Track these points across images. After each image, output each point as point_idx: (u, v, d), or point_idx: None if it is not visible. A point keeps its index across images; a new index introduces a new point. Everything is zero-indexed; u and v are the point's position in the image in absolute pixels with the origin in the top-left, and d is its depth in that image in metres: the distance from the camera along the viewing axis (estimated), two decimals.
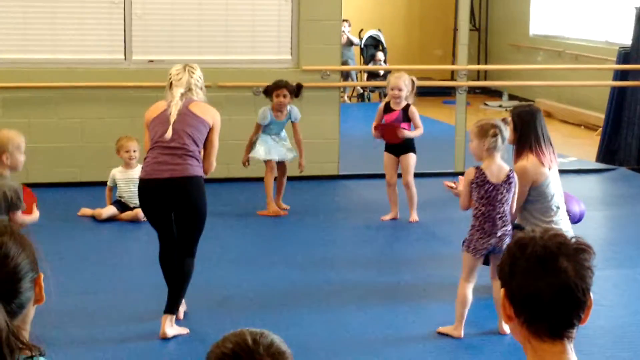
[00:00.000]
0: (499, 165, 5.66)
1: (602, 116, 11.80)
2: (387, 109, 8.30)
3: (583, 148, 12.26)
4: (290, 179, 8.69)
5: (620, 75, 11.31)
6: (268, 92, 8.57)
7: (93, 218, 8.27)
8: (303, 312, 6.07)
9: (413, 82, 8.19)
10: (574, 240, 2.20)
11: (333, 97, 10.13)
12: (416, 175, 8.31)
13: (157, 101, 9.49)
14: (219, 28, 9.77)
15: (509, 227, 5.67)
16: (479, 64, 17.37)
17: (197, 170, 5.64)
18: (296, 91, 8.55)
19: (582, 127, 14.13)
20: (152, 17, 9.62)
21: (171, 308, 5.67)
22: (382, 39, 17.06)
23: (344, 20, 13.55)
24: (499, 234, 5.62)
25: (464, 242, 5.70)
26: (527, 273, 2.16)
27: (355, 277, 6.80)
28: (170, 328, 5.64)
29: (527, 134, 6.19)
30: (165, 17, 9.67)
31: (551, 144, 6.32)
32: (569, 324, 2.17)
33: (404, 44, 18.22)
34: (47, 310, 2.32)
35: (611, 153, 11.21)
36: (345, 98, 16.15)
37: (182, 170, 5.58)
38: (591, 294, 2.18)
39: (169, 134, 5.60)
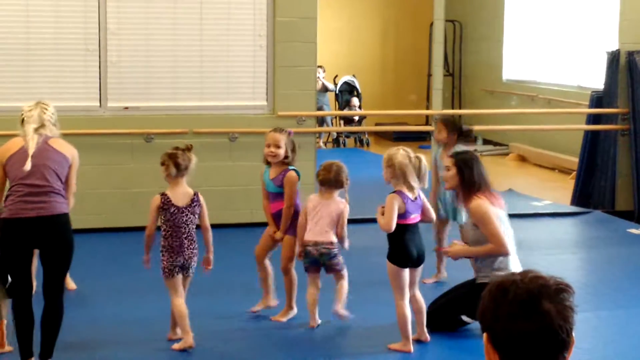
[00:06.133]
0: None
1: (576, 160, 11.88)
2: None
3: (558, 192, 12.32)
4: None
5: (593, 119, 11.40)
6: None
7: None
8: None
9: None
10: (553, 281, 2.20)
11: (309, 143, 10.14)
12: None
13: (132, 149, 9.61)
14: (193, 74, 9.79)
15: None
16: (453, 108, 17.48)
17: (64, 207, 5.58)
18: (460, 130, 7.69)
19: (557, 170, 14.21)
20: (127, 64, 9.63)
21: (49, 352, 5.60)
22: (357, 85, 17.15)
23: (318, 67, 13.61)
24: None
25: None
26: (511, 317, 2.16)
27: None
28: None
29: (473, 178, 6.31)
30: (141, 64, 9.67)
31: (494, 190, 6.48)
32: None
33: (379, 89, 18.34)
34: None
35: (585, 196, 11.27)
36: (321, 144, 16.20)
37: (49, 208, 5.49)
38: (573, 333, 2.19)
39: (27, 165, 5.48)
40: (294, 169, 6.75)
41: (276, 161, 6.74)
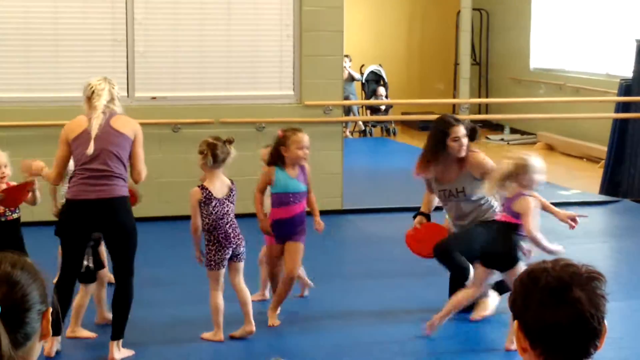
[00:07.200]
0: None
1: (604, 148, 11.81)
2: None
3: (586, 180, 12.25)
4: None
5: (622, 107, 11.32)
6: None
7: None
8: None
9: None
10: (585, 269, 2.19)
11: (336, 132, 10.14)
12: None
13: (160, 139, 9.63)
14: (220, 64, 9.80)
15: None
16: (480, 97, 17.41)
17: (123, 190, 5.74)
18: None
19: (585, 159, 14.13)
20: (155, 54, 9.65)
21: (119, 333, 5.78)
22: (383, 74, 17.12)
23: (345, 56, 13.60)
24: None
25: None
26: (542, 305, 2.15)
27: (359, 306, 6.78)
28: (118, 352, 5.77)
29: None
30: (168, 54, 9.70)
31: None
32: (586, 353, 2.16)
33: (405, 78, 18.29)
34: None
35: (614, 185, 11.20)
36: (347, 133, 16.18)
37: (109, 191, 5.65)
38: (605, 321, 2.17)
39: (90, 149, 5.63)
40: None
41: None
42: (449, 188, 6.67)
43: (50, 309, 2.14)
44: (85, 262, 6.00)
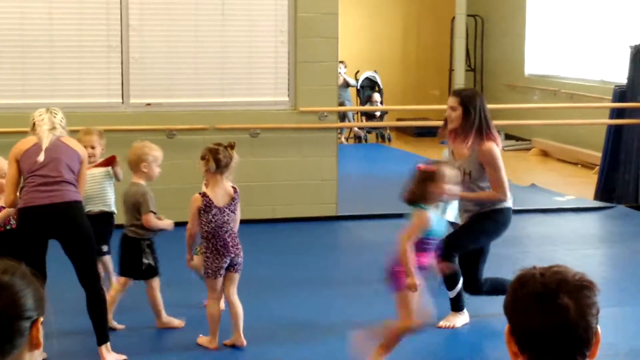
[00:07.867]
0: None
1: (599, 154, 11.82)
2: None
3: (581, 187, 12.26)
4: (288, 220, 8.61)
5: (617, 113, 11.34)
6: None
7: None
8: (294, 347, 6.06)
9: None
10: (576, 276, 2.18)
11: (330, 138, 10.14)
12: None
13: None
14: (215, 70, 9.80)
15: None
16: None
17: (76, 195, 5.75)
18: None
19: (579, 165, 14.15)
20: (149, 60, 9.65)
21: (103, 337, 5.79)
22: (379, 80, 17.14)
23: (340, 62, 13.61)
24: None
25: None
26: (528, 310, 2.15)
27: (353, 315, 6.78)
28: (110, 355, 5.78)
29: (482, 116, 6.42)
30: (162, 60, 9.70)
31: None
32: None
33: (400, 84, 18.31)
34: None
35: (609, 191, 11.21)
36: (342, 139, 16.18)
37: (61, 195, 5.66)
38: (599, 329, 2.16)
39: (41, 157, 5.66)
40: None
41: None
42: (461, 166, 6.47)
43: (41, 319, 2.09)
44: (145, 260, 6.28)
